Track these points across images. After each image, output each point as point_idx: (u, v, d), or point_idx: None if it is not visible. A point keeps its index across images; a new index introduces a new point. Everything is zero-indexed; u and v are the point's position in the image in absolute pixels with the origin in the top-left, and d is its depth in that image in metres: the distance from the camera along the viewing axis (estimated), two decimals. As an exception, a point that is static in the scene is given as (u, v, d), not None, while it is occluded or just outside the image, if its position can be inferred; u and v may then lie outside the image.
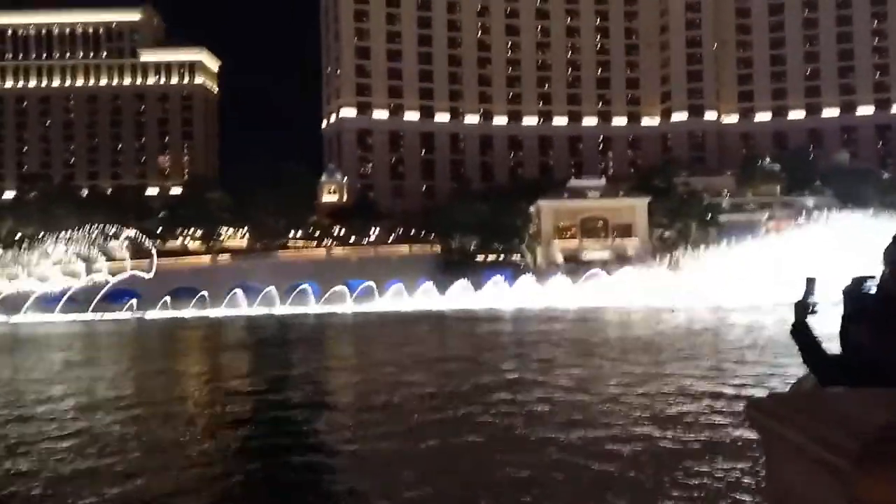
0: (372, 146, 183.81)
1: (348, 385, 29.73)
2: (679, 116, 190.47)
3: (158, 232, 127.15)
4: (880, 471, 2.85)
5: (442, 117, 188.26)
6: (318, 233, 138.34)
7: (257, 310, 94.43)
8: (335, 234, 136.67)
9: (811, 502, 3.44)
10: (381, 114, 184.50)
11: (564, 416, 20.58)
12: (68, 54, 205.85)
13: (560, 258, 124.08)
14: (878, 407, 3.46)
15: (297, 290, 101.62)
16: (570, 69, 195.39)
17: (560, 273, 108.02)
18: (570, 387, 26.02)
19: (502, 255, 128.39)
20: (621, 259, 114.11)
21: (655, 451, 16.28)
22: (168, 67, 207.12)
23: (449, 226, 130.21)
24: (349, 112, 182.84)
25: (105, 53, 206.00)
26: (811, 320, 5.47)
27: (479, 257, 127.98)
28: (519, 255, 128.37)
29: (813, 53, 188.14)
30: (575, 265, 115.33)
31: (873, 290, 5.46)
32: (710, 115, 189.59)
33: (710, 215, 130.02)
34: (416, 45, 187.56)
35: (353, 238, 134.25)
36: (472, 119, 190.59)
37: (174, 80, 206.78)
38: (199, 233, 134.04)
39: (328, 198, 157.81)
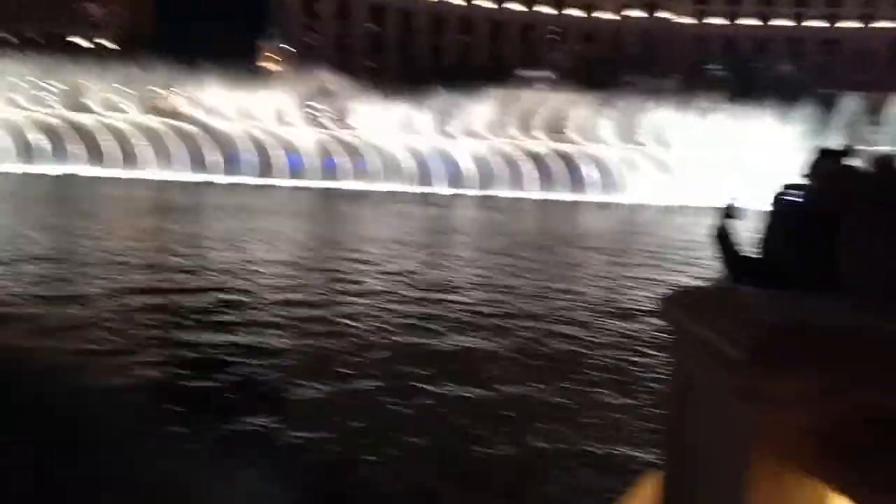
0: (318, 14, 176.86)
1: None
2: (633, 13, 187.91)
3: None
4: (769, 366, 3.00)
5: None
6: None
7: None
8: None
9: (709, 394, 3.62)
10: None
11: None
12: None
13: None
14: (780, 307, 3.61)
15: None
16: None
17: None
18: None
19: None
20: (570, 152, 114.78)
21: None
22: None
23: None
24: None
25: None
26: (734, 223, 5.62)
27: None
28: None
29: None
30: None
31: (799, 200, 5.61)
32: (663, 15, 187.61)
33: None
34: None
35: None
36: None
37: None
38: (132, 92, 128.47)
39: (266, 65, 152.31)
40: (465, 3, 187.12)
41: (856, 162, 5.29)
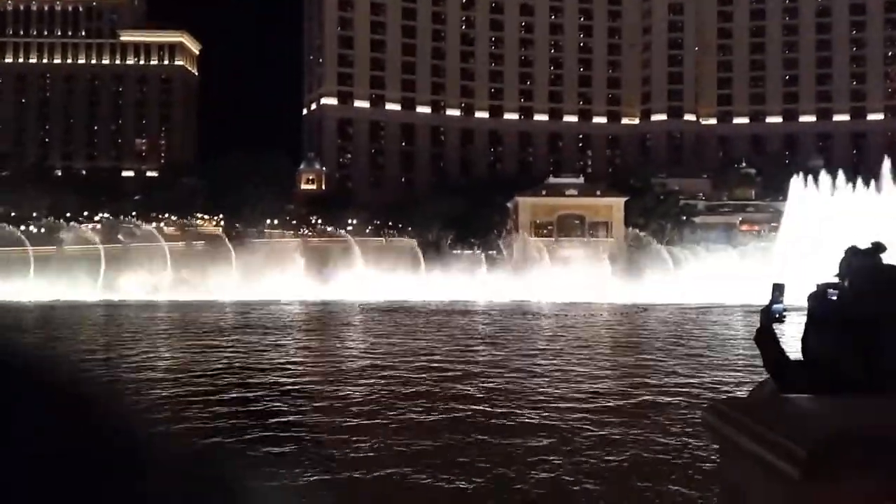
0: (352, 136, 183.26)
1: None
2: (658, 117, 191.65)
3: (133, 216, 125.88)
4: (827, 478, 2.92)
5: (423, 109, 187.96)
6: (294, 221, 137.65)
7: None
8: (312, 224, 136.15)
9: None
10: (362, 104, 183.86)
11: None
12: (46, 32, 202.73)
13: (536, 254, 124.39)
14: (830, 415, 3.55)
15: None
16: (552, 66, 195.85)
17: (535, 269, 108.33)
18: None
19: (478, 250, 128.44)
20: (597, 257, 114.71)
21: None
22: (147, 49, 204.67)
23: (426, 218, 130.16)
24: (330, 101, 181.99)
25: (84, 32, 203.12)
26: (776, 326, 5.56)
27: (456, 251, 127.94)
28: (495, 250, 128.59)
29: (792, 60, 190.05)
30: (550, 261, 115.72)
31: (835, 298, 5.57)
32: (688, 117, 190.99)
33: (685, 216, 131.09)
34: (399, 36, 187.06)
35: (329, 228, 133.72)
36: (453, 112, 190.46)
37: (153, 62, 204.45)
38: (173, 218, 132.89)
39: (306, 186, 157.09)
40: (493, 117, 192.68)
41: (886, 258, 5.28)
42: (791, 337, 5.39)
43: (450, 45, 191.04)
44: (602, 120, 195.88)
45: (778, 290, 5.80)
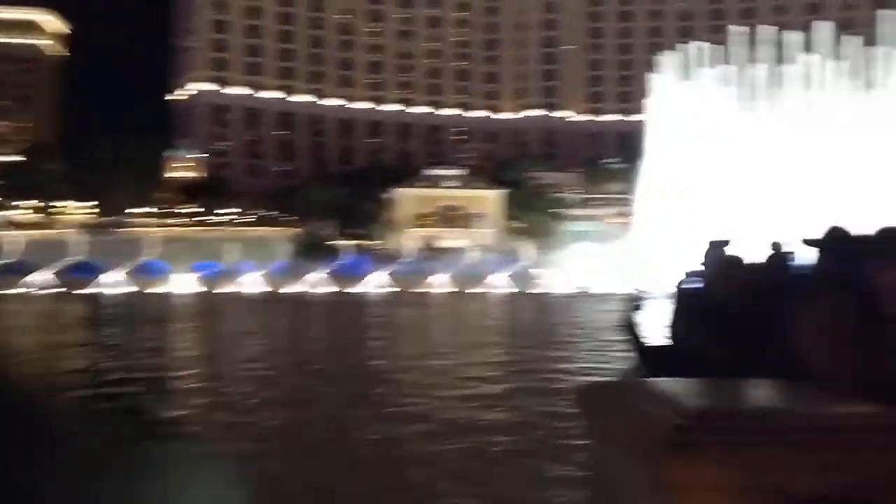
0: (227, 122, 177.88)
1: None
2: (533, 112, 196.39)
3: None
4: (684, 457, 3.08)
5: (302, 98, 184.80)
6: (169, 209, 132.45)
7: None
8: (184, 212, 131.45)
9: (627, 488, 3.69)
10: (237, 90, 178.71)
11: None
12: None
13: (416, 245, 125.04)
14: (690, 396, 3.76)
15: (143, 268, 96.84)
16: (431, 59, 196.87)
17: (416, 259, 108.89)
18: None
19: (360, 241, 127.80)
20: (479, 247, 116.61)
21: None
22: (8, 26, 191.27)
23: (306, 209, 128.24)
24: (203, 86, 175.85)
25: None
26: (639, 313, 5.85)
27: (337, 242, 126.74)
28: (377, 240, 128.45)
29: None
30: (431, 252, 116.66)
31: (700, 286, 5.91)
32: (562, 114, 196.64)
33: (558, 210, 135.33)
34: (276, 23, 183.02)
35: (203, 217, 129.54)
36: (333, 102, 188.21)
37: (15, 40, 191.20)
38: (35, 204, 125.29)
39: (177, 173, 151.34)
40: (372, 108, 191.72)
41: (734, 251, 5.65)
42: (661, 323, 5.68)
43: (328, 34, 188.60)
44: (481, 113, 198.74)
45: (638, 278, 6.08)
